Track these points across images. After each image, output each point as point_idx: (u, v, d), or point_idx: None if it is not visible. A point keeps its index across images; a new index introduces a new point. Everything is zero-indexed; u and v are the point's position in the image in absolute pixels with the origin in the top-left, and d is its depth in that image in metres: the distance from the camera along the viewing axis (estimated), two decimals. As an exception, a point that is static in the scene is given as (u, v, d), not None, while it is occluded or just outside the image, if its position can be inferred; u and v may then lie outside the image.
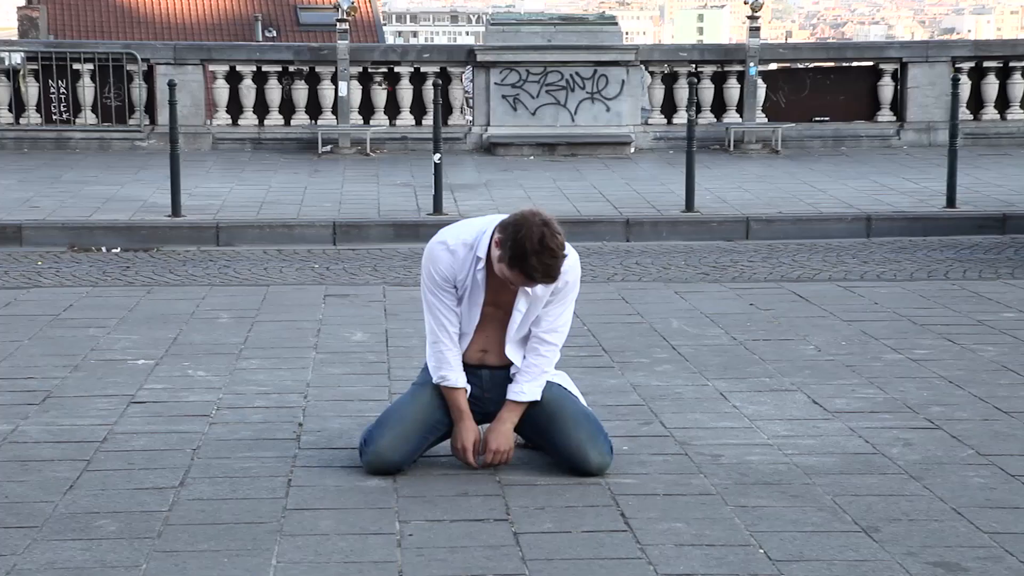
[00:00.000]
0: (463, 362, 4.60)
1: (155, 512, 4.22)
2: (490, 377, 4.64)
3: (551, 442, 4.60)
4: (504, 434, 4.58)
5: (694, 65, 16.31)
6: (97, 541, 3.98)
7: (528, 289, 4.44)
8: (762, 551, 3.91)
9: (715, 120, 16.37)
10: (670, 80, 16.42)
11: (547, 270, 4.29)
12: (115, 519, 4.16)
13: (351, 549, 3.92)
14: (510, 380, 4.61)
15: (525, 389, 4.57)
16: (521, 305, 4.50)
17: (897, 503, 4.33)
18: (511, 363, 4.61)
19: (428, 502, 4.32)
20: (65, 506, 4.27)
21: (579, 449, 4.53)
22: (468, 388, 4.60)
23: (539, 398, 4.59)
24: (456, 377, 4.57)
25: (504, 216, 4.44)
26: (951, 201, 11.59)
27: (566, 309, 4.56)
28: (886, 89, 16.65)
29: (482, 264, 4.44)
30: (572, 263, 4.48)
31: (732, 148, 15.84)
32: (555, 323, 4.55)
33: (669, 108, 16.44)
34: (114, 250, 10.48)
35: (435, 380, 4.58)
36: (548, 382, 4.62)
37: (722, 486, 4.49)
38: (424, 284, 4.54)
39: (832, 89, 16.66)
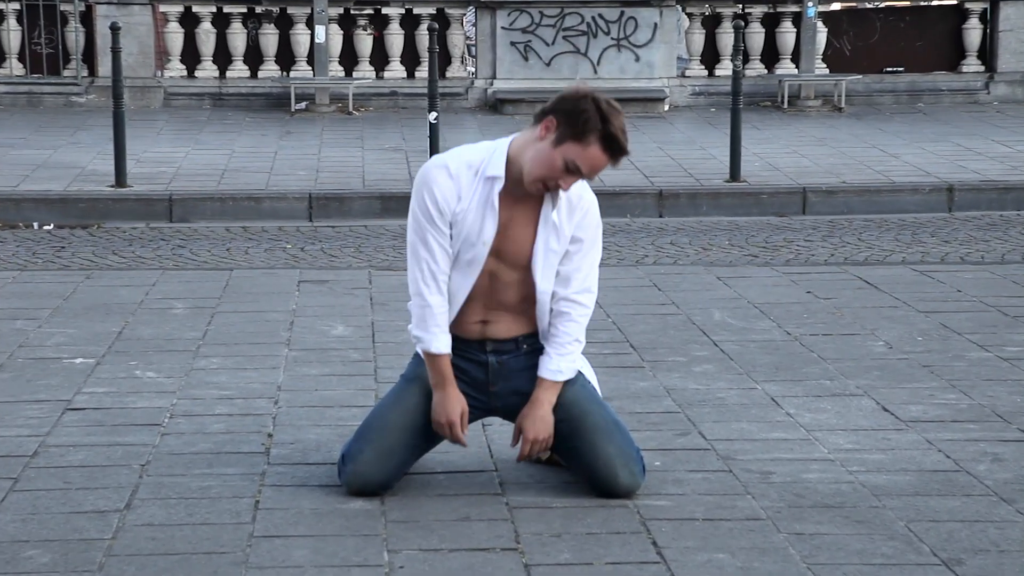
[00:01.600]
0: (458, 338, 4.55)
1: (95, 540, 4.23)
2: (498, 365, 4.60)
3: (574, 454, 4.61)
4: (543, 420, 4.53)
5: (740, 5, 16.29)
6: (25, 575, 3.99)
7: (555, 215, 4.38)
8: (821, 587, 3.92)
9: (766, 71, 16.35)
10: (712, 23, 16.40)
11: (626, 134, 4.37)
12: (47, 549, 4.17)
13: (330, 584, 3.93)
14: (525, 368, 4.57)
15: (562, 366, 4.53)
16: (550, 242, 4.41)
17: (984, 530, 4.33)
18: (522, 336, 4.56)
19: (422, 528, 4.33)
20: (-11, 532, 4.29)
21: (607, 466, 4.53)
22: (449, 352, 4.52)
23: (575, 375, 4.58)
24: (439, 341, 4.49)
25: (515, 135, 4.44)
26: (1049, 168, 11.58)
27: (593, 267, 4.55)
28: (972, 33, 16.61)
29: (500, 185, 4.36)
30: (592, 205, 4.52)
31: (786, 105, 15.81)
32: (586, 280, 4.53)
33: (711, 57, 16.43)
34: (46, 227, 10.49)
35: (414, 342, 4.54)
36: (575, 380, 4.60)
37: (773, 509, 4.49)
38: (412, 218, 4.45)
39: (907, 34, 16.63)
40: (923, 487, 4.70)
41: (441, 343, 4.51)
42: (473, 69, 16.58)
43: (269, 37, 16.08)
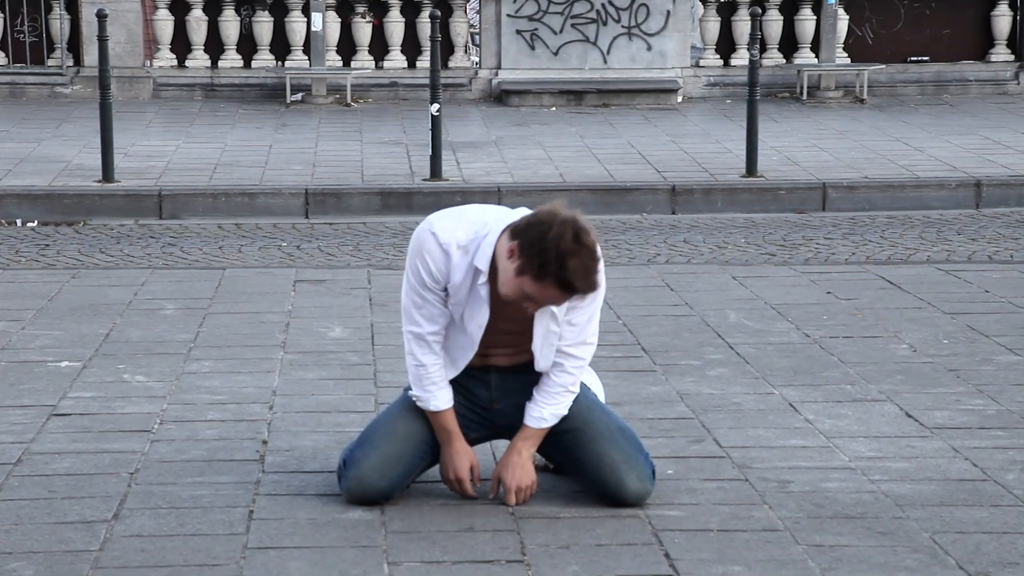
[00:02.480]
0: (463, 367, 4.61)
1: (82, 552, 4.23)
2: (500, 381, 4.64)
3: (578, 464, 4.62)
4: (522, 467, 4.58)
5: (758, -9, 16.30)
6: (11, 587, 4.01)
7: (553, 308, 4.41)
8: (842, 601, 3.93)
9: (784, 61, 16.35)
10: (727, 10, 16.40)
11: (588, 276, 4.21)
12: (32, 561, 4.18)
13: (327, 598, 3.95)
14: (528, 384, 4.60)
15: (546, 414, 4.57)
16: (541, 326, 4.46)
17: (1014, 542, 4.33)
18: (523, 363, 4.60)
19: (424, 539, 4.34)
20: (-29, 543, 4.30)
21: (613, 473, 4.54)
22: (452, 403, 4.57)
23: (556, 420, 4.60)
24: (438, 399, 4.56)
25: (511, 216, 4.36)
26: (1082, 163, 11.58)
27: (594, 315, 4.55)
28: (1002, 20, 16.60)
29: (484, 279, 4.39)
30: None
31: (805, 96, 15.81)
32: (582, 333, 4.53)
33: (726, 46, 16.42)
34: (30, 224, 10.51)
35: (414, 400, 4.59)
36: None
37: (792, 520, 4.50)
38: (406, 279, 4.51)
39: (933, 21, 16.62)
40: (949, 497, 4.70)
41: (441, 400, 4.57)
42: (477, 59, 16.59)
43: (263, 25, 16.10)
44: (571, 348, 4.53)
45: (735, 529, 4.42)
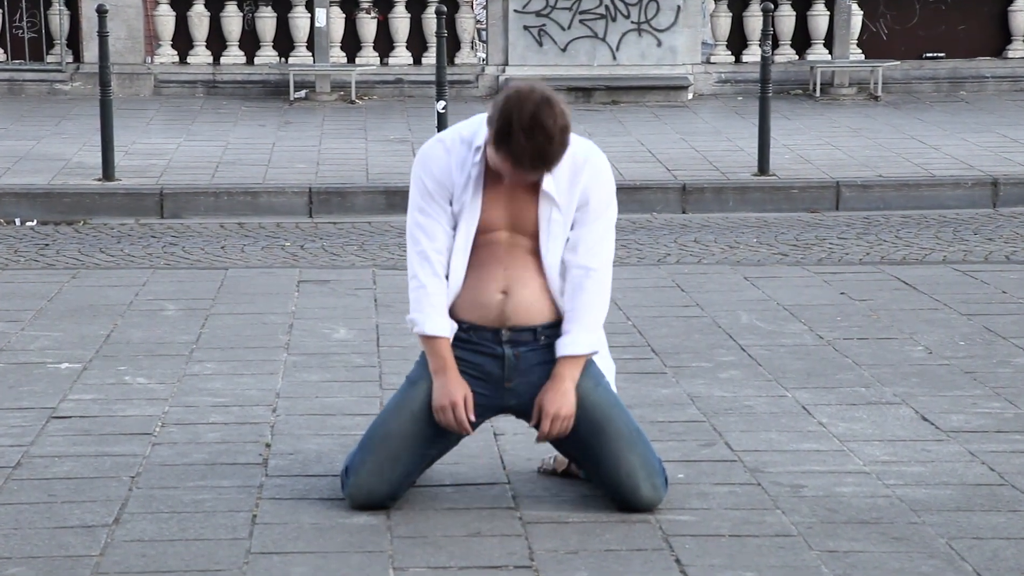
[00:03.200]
0: (473, 326, 4.57)
1: (82, 557, 4.24)
2: (514, 358, 4.59)
3: (594, 462, 4.61)
4: (565, 395, 4.53)
5: (770, -14, 16.29)
6: (10, 593, 4.02)
7: (547, 186, 4.45)
8: (856, 608, 3.93)
9: (797, 57, 16.34)
10: (739, 6, 16.39)
11: (537, 153, 4.31)
12: (31, 566, 4.18)
13: (332, 604, 3.95)
14: (543, 363, 4.57)
15: (580, 339, 4.54)
16: (552, 213, 4.49)
17: (1030, 548, 4.34)
18: (540, 326, 4.56)
19: (430, 544, 4.34)
20: (-31, 548, 4.31)
21: (630, 478, 4.54)
22: (452, 329, 4.55)
23: (598, 350, 4.60)
24: (434, 322, 4.53)
25: None
26: (1101, 161, 11.57)
27: (606, 232, 4.58)
28: (1019, 16, 16.59)
29: (480, 155, 4.47)
30: (599, 167, 4.55)
31: (818, 93, 15.81)
32: (594, 246, 4.56)
33: (738, 42, 16.42)
34: (29, 223, 10.53)
35: (410, 327, 4.59)
36: (596, 380, 4.61)
37: (805, 525, 4.50)
38: (410, 199, 4.56)
39: (949, 16, 16.61)
40: (965, 502, 4.70)
41: (436, 324, 4.54)
42: (484, 55, 16.59)
43: (266, 21, 16.11)
44: (586, 260, 4.54)
45: (747, 534, 4.41)
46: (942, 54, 16.55)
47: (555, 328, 4.59)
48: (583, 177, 4.53)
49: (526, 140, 4.29)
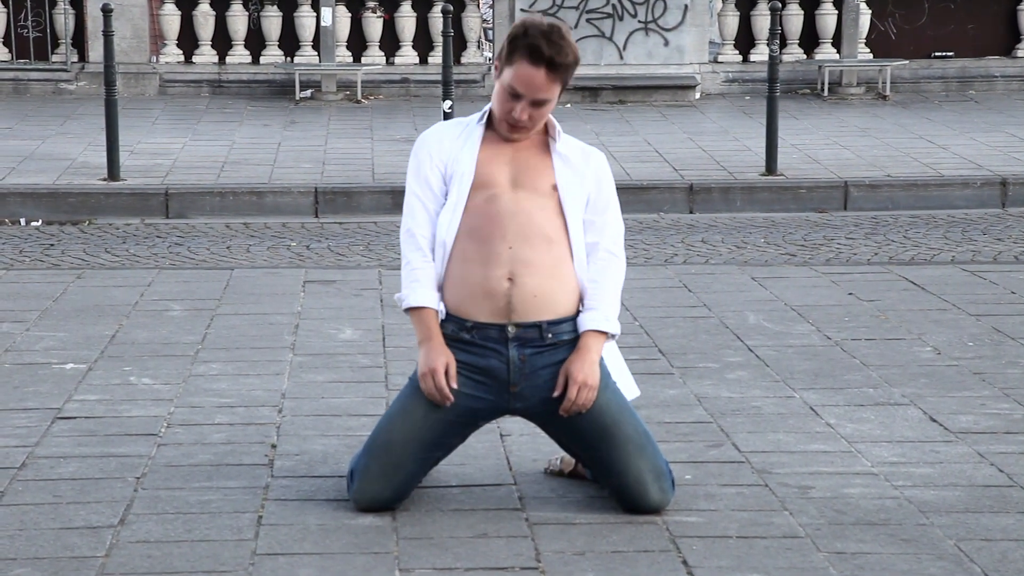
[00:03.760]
0: (479, 324, 4.56)
1: (88, 558, 4.25)
2: (520, 361, 4.57)
3: (601, 463, 4.61)
4: (593, 365, 4.55)
5: (778, -15, 16.28)
6: (15, 594, 4.03)
7: (560, 147, 4.60)
8: (864, 610, 3.93)
9: (805, 56, 16.34)
10: (747, 5, 16.39)
11: (556, 48, 4.48)
12: (36, 567, 4.19)
13: (338, 605, 3.96)
14: (549, 365, 4.57)
15: (608, 316, 4.60)
16: (566, 175, 4.61)
17: (1039, 549, 4.34)
18: (546, 322, 4.56)
19: (436, 545, 4.35)
20: (-26, 549, 4.32)
21: (638, 482, 4.55)
22: (440, 310, 4.59)
23: (618, 334, 4.65)
24: (419, 294, 4.58)
25: None
26: (1110, 161, 11.56)
27: (618, 214, 4.73)
28: (1027, 16, 16.56)
29: (481, 121, 4.63)
30: (604, 161, 4.73)
31: (827, 93, 15.80)
32: (616, 237, 4.69)
33: (745, 41, 16.42)
34: (34, 223, 10.54)
35: (397, 303, 4.66)
36: (604, 382, 4.60)
37: (813, 527, 4.50)
38: (407, 178, 4.67)
39: (957, 15, 16.61)
40: (974, 503, 4.70)
41: (421, 296, 4.58)
42: (490, 54, 16.59)
43: (272, 20, 16.12)
44: (613, 246, 4.68)
45: (754, 536, 4.42)
46: (951, 53, 16.54)
47: (561, 325, 4.59)
48: (593, 163, 4.70)
49: (543, 36, 4.50)
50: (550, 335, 4.58)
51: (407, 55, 16.17)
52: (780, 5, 12.09)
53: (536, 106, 4.55)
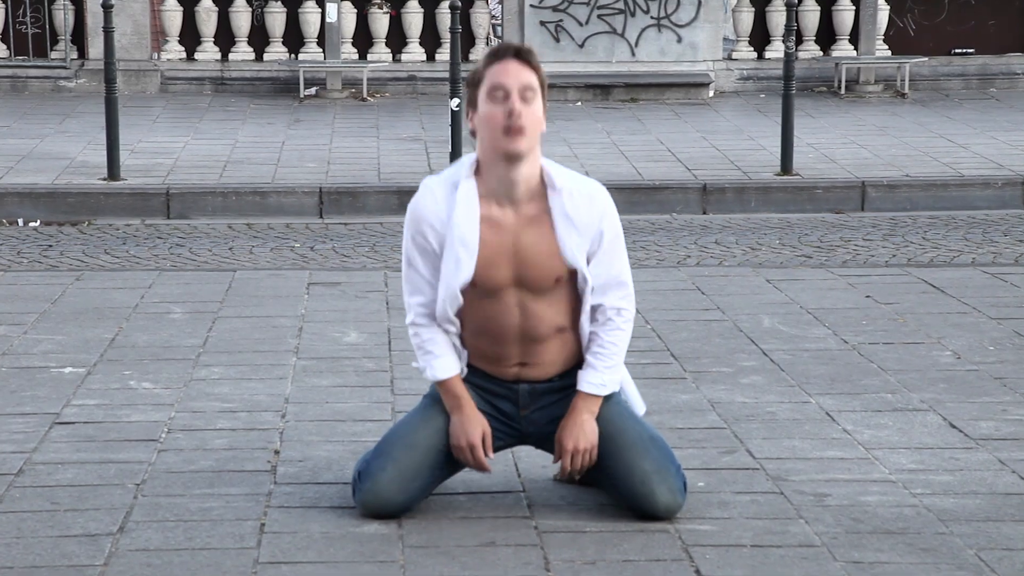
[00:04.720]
0: (490, 377, 4.62)
1: (86, 567, 4.24)
2: (530, 393, 4.66)
3: (607, 472, 4.62)
4: (582, 428, 4.58)
5: (794, -19, 16.27)
6: (12, 603, 4.03)
7: (566, 205, 4.47)
8: (882, 621, 3.93)
9: (821, 53, 16.32)
10: (762, 1, 16.37)
11: (520, 52, 4.49)
12: None
13: (342, 615, 3.96)
14: (559, 390, 4.63)
15: (606, 380, 4.60)
16: (571, 236, 4.50)
17: (1061, 559, 4.33)
18: (557, 375, 4.62)
19: (443, 554, 4.34)
20: (-30, 557, 4.32)
21: (644, 484, 4.55)
22: (463, 371, 4.62)
23: (618, 389, 4.64)
24: (441, 365, 4.59)
25: None
26: None
27: (624, 255, 4.61)
28: (1049, 12, 16.54)
29: (469, 174, 4.50)
30: (603, 195, 4.56)
31: (844, 90, 15.79)
32: (621, 276, 4.59)
33: (760, 38, 16.41)
34: (32, 223, 10.55)
35: (421, 372, 4.65)
36: (609, 395, 4.63)
37: (829, 535, 4.49)
38: (403, 251, 4.64)
39: (978, 11, 16.59)
40: (995, 512, 4.69)
41: (444, 367, 4.60)
42: (499, 51, 16.58)
43: (276, 16, 16.14)
44: (621, 301, 4.60)
45: (769, 545, 4.41)
46: (971, 50, 16.52)
47: (571, 373, 4.65)
48: (598, 208, 4.55)
49: (510, 47, 4.52)
50: (558, 379, 4.66)
51: (414, 52, 16.18)
52: (796, 1, 12.08)
53: (526, 101, 4.47)
